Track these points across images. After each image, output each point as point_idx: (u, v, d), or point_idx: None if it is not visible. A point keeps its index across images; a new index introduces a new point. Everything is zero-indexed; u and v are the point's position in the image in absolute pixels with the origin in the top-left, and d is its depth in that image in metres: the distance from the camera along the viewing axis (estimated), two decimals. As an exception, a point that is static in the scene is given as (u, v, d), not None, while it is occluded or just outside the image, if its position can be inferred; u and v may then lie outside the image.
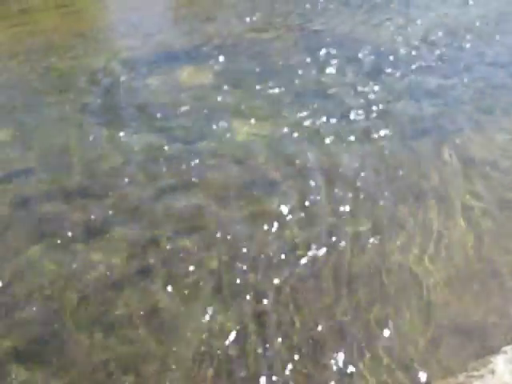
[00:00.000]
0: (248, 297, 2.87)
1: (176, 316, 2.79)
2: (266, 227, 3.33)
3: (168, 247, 3.21)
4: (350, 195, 3.59)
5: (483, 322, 2.71)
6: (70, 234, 3.32)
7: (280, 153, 4.06)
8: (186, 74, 5.34)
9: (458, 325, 2.70)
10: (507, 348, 2.56)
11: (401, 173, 3.81)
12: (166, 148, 4.14)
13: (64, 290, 2.94)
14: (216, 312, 2.79)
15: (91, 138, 4.30)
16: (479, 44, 5.79)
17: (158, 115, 4.60)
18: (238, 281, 2.97)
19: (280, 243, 3.22)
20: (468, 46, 5.76)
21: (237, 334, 2.68)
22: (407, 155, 4.01)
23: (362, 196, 3.58)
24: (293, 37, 6.16)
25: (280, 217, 3.41)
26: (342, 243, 3.21)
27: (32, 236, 3.32)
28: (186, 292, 2.91)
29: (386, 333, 2.67)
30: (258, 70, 5.34)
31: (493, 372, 2.45)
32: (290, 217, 3.42)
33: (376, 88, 4.92)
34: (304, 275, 3.00)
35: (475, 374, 2.46)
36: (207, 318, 2.76)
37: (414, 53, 5.62)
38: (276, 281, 2.96)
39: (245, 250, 3.17)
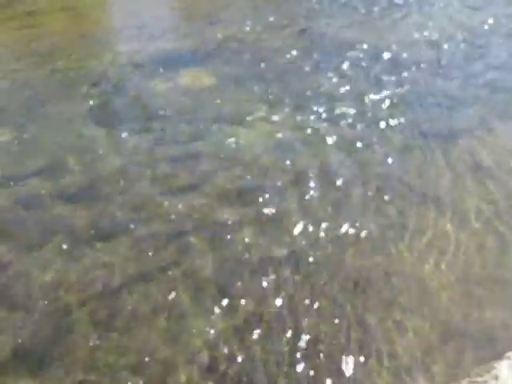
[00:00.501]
0: (251, 299, 2.87)
1: (181, 317, 2.79)
2: (267, 229, 3.33)
3: (171, 249, 3.22)
4: (353, 199, 3.59)
5: (487, 327, 2.71)
6: (71, 235, 3.33)
7: (282, 155, 4.05)
8: (189, 76, 5.35)
9: (462, 330, 2.69)
10: (511, 354, 2.55)
11: (406, 177, 3.80)
12: (169, 150, 4.15)
13: (66, 293, 2.95)
14: (221, 313, 2.79)
15: (94, 140, 4.31)
16: (485, 46, 5.78)
17: (161, 118, 4.60)
18: (242, 282, 2.97)
19: (283, 245, 3.22)
20: (474, 47, 5.75)
21: (241, 335, 2.68)
22: (412, 159, 4.00)
23: (366, 200, 3.58)
24: (296, 39, 6.16)
25: (282, 219, 3.42)
26: (347, 246, 3.20)
27: (34, 238, 3.33)
28: (189, 294, 2.92)
29: (390, 337, 2.66)
30: (260, 72, 5.34)
31: (496, 378, 2.44)
32: (291, 219, 3.42)
33: (380, 91, 4.92)
34: (307, 278, 3.00)
35: (479, 379, 2.45)
36: (212, 319, 2.76)
37: (418, 56, 5.61)
38: (280, 283, 2.96)
39: (248, 251, 3.17)
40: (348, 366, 2.54)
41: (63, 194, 3.69)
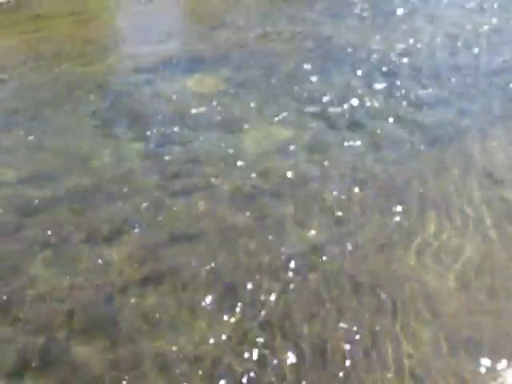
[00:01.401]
0: (253, 302, 2.86)
1: (183, 320, 2.78)
2: (270, 232, 3.33)
3: (173, 251, 3.21)
4: (356, 203, 3.58)
5: (493, 335, 2.68)
6: (74, 238, 3.33)
7: (285, 159, 4.05)
8: (194, 80, 5.37)
9: (468, 337, 2.67)
10: (517, 362, 2.53)
11: (410, 182, 3.78)
12: (173, 153, 4.16)
13: (68, 294, 2.94)
14: (222, 316, 2.78)
15: (99, 143, 4.33)
16: (488, 51, 5.78)
17: (166, 122, 4.62)
18: (244, 285, 2.96)
19: (285, 249, 3.21)
20: (477, 53, 5.75)
21: (243, 338, 2.67)
22: (415, 163, 3.98)
23: (368, 205, 3.57)
24: (301, 44, 6.18)
25: (284, 223, 3.41)
26: (350, 252, 3.19)
27: (36, 239, 3.33)
28: (191, 296, 2.91)
29: (395, 344, 2.64)
30: (265, 77, 5.35)
31: (503, 386, 2.42)
32: (294, 223, 3.41)
33: (383, 96, 4.92)
34: (310, 282, 2.99)
35: (485, 387, 2.43)
36: (214, 321, 2.75)
37: (422, 61, 5.61)
38: (284, 286, 2.95)
39: (250, 254, 3.17)
40: (353, 372, 2.52)
41: (66, 196, 3.70)
